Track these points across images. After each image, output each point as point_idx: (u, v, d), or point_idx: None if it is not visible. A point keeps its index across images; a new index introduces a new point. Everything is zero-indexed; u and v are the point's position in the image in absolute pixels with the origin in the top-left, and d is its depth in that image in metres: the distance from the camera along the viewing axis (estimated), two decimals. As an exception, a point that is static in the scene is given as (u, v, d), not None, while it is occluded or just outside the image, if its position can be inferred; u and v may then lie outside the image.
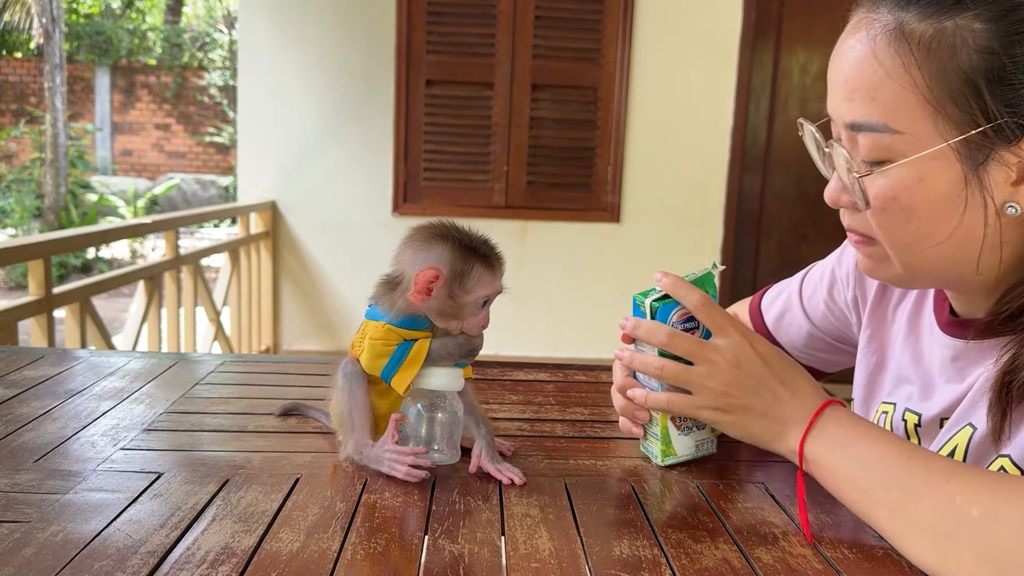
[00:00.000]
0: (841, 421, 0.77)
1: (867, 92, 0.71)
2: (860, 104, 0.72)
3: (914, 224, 0.73)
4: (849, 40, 0.75)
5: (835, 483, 0.75)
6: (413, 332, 0.82)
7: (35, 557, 0.63)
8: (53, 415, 0.97)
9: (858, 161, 0.74)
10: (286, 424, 0.97)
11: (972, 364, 0.80)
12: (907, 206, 0.72)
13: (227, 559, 0.63)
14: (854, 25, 0.75)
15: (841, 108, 0.74)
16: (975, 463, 0.76)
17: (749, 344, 0.80)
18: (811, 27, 4.41)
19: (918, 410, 0.86)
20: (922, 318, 0.89)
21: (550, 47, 4.38)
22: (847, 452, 0.75)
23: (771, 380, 0.79)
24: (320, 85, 4.42)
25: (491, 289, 0.82)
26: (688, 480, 0.84)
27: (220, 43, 14.37)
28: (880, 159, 0.72)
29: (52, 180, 10.34)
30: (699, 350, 0.80)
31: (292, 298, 4.60)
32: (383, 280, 0.84)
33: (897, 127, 0.70)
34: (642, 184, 4.48)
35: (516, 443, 0.92)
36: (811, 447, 0.76)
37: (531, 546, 0.67)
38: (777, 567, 0.65)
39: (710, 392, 0.80)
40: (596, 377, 1.24)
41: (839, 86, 0.74)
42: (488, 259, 0.82)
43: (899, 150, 0.71)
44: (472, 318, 0.82)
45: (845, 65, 0.74)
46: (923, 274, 0.78)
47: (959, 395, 0.80)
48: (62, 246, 2.89)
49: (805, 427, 0.77)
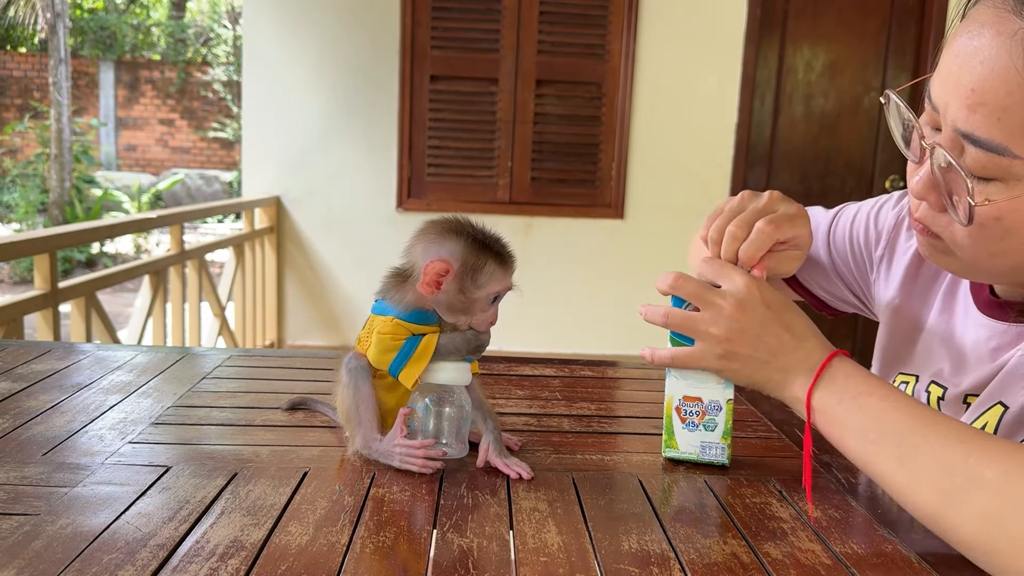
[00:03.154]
0: (849, 373, 0.76)
1: (996, 110, 0.66)
2: (983, 119, 0.67)
3: (1007, 242, 0.71)
4: (983, 39, 0.67)
5: (840, 433, 0.74)
6: (421, 327, 0.82)
7: (45, 550, 0.63)
8: (61, 408, 0.97)
9: (962, 166, 0.69)
10: (293, 418, 0.97)
11: (1007, 345, 0.80)
12: (1009, 227, 0.70)
13: (236, 552, 0.63)
14: (992, 19, 0.67)
15: (958, 113, 0.68)
16: None
17: (755, 289, 0.78)
18: (816, 23, 4.40)
19: (945, 384, 0.86)
20: (958, 296, 0.89)
21: (555, 43, 4.37)
22: (857, 403, 0.74)
23: (776, 326, 0.78)
24: (324, 80, 4.42)
25: (502, 286, 0.82)
26: (696, 475, 0.84)
27: (224, 38, 14.36)
28: (989, 176, 0.68)
29: (56, 175, 10.35)
30: (704, 293, 0.79)
31: (296, 293, 4.60)
32: (391, 273, 0.84)
33: (1020, 152, 0.66)
34: (646, 180, 4.48)
35: (523, 438, 0.92)
36: (819, 397, 0.76)
37: (540, 540, 0.67)
38: (786, 562, 0.65)
39: (713, 339, 0.78)
40: (602, 372, 1.24)
41: (961, 89, 0.68)
42: (501, 256, 0.81)
43: (1014, 173, 0.67)
44: (482, 314, 0.82)
45: (974, 69, 0.67)
46: (985, 275, 0.79)
47: (990, 374, 0.81)
48: (68, 240, 2.90)
49: (813, 377, 0.76)
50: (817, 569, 0.64)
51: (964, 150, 0.69)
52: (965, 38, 0.68)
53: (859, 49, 4.43)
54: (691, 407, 0.85)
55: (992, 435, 0.71)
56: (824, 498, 0.78)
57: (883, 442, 0.71)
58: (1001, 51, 0.65)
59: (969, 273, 0.80)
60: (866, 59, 4.44)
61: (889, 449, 0.70)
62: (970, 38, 0.68)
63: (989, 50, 0.66)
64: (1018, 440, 0.76)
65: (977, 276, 0.82)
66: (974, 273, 0.80)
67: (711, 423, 0.85)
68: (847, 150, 4.51)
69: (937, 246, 0.78)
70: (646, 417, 1.03)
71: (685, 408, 0.86)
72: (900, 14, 4.40)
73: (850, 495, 0.79)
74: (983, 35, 0.67)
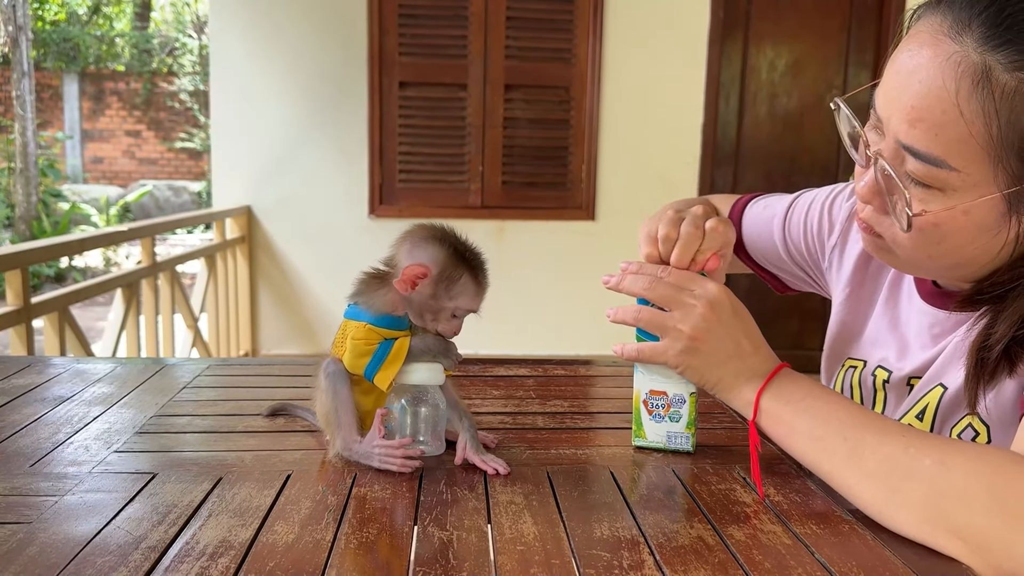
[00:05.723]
0: (797, 380, 0.83)
1: (933, 126, 0.70)
2: (922, 134, 0.71)
3: (943, 245, 0.76)
4: (921, 58, 0.71)
5: (787, 432, 0.80)
6: (393, 331, 0.85)
7: (39, 555, 0.65)
8: (44, 421, 0.99)
9: (902, 172, 0.74)
10: (274, 424, 1.00)
11: (947, 332, 0.86)
12: (945, 232, 0.75)
13: (226, 551, 0.66)
14: (930, 40, 0.71)
15: (899, 127, 0.73)
16: (944, 421, 0.83)
17: (726, 296, 0.84)
18: (778, 23, 4.48)
19: (890, 368, 0.92)
20: (902, 286, 0.94)
21: (522, 48, 4.41)
22: (803, 405, 0.80)
23: (737, 332, 0.84)
24: (293, 89, 4.43)
25: (471, 304, 0.86)
26: (664, 465, 0.88)
27: (189, 48, 14.25)
28: (928, 184, 0.73)
29: (23, 189, 10.21)
30: (677, 295, 0.84)
31: (270, 302, 4.60)
32: (365, 276, 0.87)
33: (955, 165, 0.70)
34: (616, 182, 4.53)
35: (500, 436, 0.95)
36: (767, 400, 0.82)
37: (516, 531, 0.70)
38: (749, 543, 0.69)
39: (680, 335, 0.83)
40: (575, 371, 1.28)
41: (902, 105, 0.72)
42: (477, 275, 0.85)
43: (950, 184, 0.72)
44: (446, 323, 0.86)
45: (913, 87, 0.71)
46: (924, 271, 0.85)
47: (931, 358, 0.86)
48: (40, 256, 2.88)
49: (763, 381, 0.82)
50: (778, 549, 0.68)
51: (905, 159, 0.74)
52: (906, 55, 0.73)
53: (821, 48, 4.52)
54: (657, 400, 0.90)
55: (927, 432, 0.78)
56: (785, 483, 0.82)
57: (829, 439, 0.77)
58: (937, 73, 0.70)
59: (910, 269, 0.85)
60: (828, 58, 4.53)
61: (835, 445, 0.76)
62: (910, 56, 0.73)
63: (927, 71, 0.71)
64: (956, 420, 0.82)
65: (917, 272, 0.88)
66: (914, 270, 0.86)
67: (676, 415, 0.90)
68: (811, 148, 4.59)
69: (880, 244, 0.83)
70: (617, 412, 1.06)
71: (652, 401, 0.90)
72: (860, 13, 4.49)
73: (810, 480, 0.83)
74: (922, 55, 0.71)
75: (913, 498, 0.69)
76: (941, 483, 0.68)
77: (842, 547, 0.69)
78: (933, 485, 0.69)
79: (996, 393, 0.77)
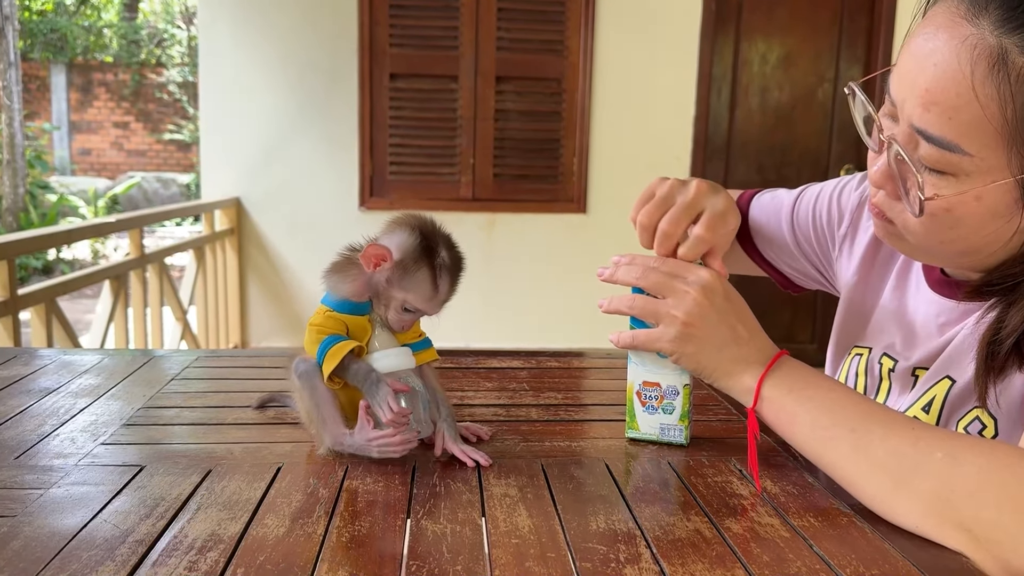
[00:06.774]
0: (798, 368, 0.82)
1: (947, 110, 0.70)
2: (936, 118, 0.70)
3: (954, 231, 0.75)
4: (937, 41, 0.71)
5: (790, 421, 0.79)
6: (352, 317, 0.84)
7: (24, 549, 0.64)
8: (30, 413, 0.97)
9: (915, 157, 0.73)
10: (264, 416, 0.98)
11: (954, 322, 0.85)
12: (957, 217, 0.73)
13: (215, 545, 0.65)
14: (946, 23, 0.71)
15: (914, 110, 0.72)
16: (951, 414, 0.82)
17: (718, 282, 0.83)
18: (770, 16, 4.47)
19: (896, 357, 0.91)
20: (911, 274, 0.93)
21: (514, 39, 4.39)
22: (807, 394, 0.79)
23: (732, 318, 0.82)
24: (283, 80, 4.40)
25: (420, 303, 0.84)
26: (659, 457, 0.87)
27: (178, 39, 14.15)
28: (941, 170, 0.72)
29: (10, 181, 10.13)
30: (669, 282, 0.83)
31: (259, 295, 4.57)
32: (341, 255, 0.86)
33: (969, 150, 0.70)
34: (608, 174, 4.52)
35: (493, 428, 0.94)
36: (769, 387, 0.80)
37: (511, 524, 0.69)
38: (746, 536, 0.68)
39: (674, 321, 0.82)
40: (568, 363, 1.27)
41: (916, 88, 0.72)
42: (437, 276, 0.83)
43: (963, 168, 0.71)
44: (395, 314, 0.85)
45: (928, 71, 0.71)
46: (935, 258, 0.84)
47: (938, 349, 0.85)
48: (27, 247, 2.85)
49: (764, 368, 0.81)
50: (776, 541, 0.67)
51: (919, 144, 0.73)
52: (922, 39, 0.72)
53: (812, 41, 4.51)
54: (650, 392, 0.89)
55: (934, 425, 0.77)
56: (782, 475, 0.81)
57: (835, 428, 0.75)
58: (952, 55, 0.69)
59: (920, 256, 0.84)
60: (819, 51, 4.52)
61: (841, 435, 0.75)
62: (926, 40, 0.72)
63: (942, 53, 0.70)
64: (963, 413, 0.81)
65: (928, 259, 0.86)
66: (925, 256, 0.84)
67: (669, 407, 0.89)
68: (802, 141, 4.59)
69: (891, 230, 0.81)
70: (611, 404, 1.05)
71: (645, 393, 0.89)
72: (851, 7, 4.49)
73: (807, 472, 0.82)
74: (938, 38, 0.71)
75: (921, 491, 0.69)
76: (951, 477, 0.68)
77: (841, 540, 0.68)
78: (943, 479, 0.68)
79: (1005, 386, 0.76)
